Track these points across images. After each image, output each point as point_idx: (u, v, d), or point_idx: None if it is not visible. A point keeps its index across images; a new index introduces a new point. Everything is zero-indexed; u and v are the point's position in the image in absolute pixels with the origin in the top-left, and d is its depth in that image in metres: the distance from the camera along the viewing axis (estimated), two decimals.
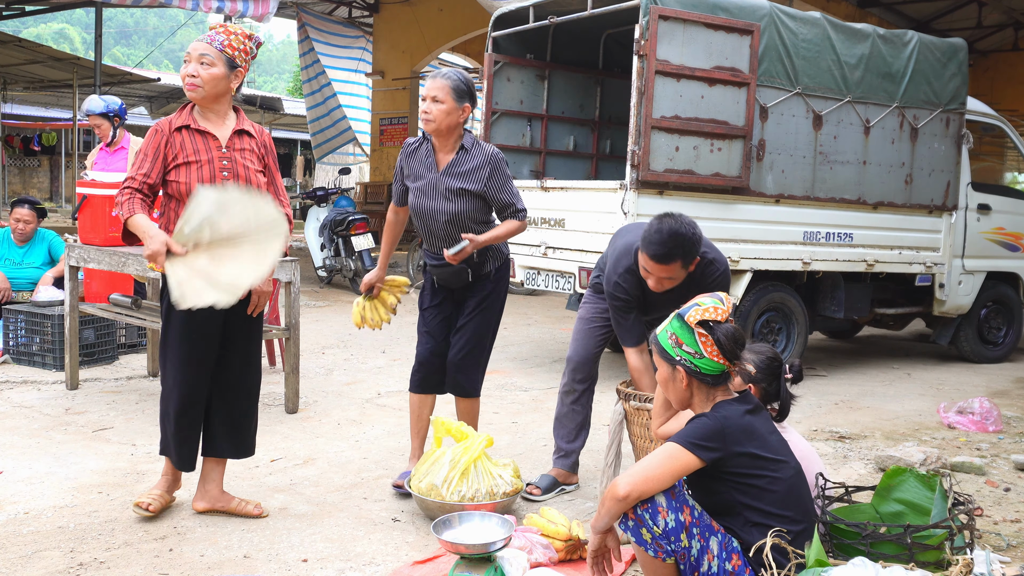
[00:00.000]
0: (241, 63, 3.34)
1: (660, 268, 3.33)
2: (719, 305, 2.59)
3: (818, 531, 2.69)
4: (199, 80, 3.26)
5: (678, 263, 3.32)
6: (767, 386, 3.00)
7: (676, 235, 3.29)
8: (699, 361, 2.57)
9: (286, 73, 63.29)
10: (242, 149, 3.39)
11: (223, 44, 3.30)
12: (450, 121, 3.62)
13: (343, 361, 6.67)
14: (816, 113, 6.36)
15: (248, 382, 3.55)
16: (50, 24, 61.52)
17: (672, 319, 2.65)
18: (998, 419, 5.28)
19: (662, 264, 3.31)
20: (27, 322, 6.04)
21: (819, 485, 2.94)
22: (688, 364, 2.58)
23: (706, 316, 2.57)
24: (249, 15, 8.35)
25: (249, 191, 3.23)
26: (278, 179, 3.53)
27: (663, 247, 3.29)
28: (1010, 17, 14.88)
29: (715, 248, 3.61)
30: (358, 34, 17.60)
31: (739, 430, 2.51)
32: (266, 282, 3.40)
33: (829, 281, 6.89)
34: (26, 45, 14.97)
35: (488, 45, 7.07)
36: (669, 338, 2.63)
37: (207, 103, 3.33)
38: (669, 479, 2.44)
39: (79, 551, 3.11)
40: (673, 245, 3.29)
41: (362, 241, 10.33)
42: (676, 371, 2.61)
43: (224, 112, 3.40)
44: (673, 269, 3.33)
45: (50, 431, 4.55)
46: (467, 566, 2.77)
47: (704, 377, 2.58)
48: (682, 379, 2.60)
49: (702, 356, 2.57)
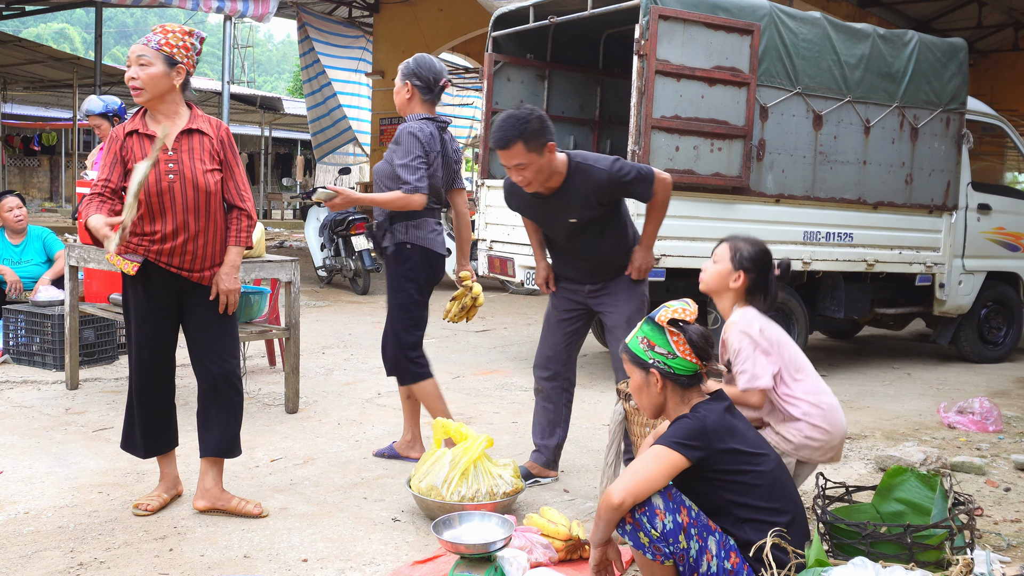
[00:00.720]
0: (181, 59, 3.34)
1: (505, 155, 3.47)
2: (686, 307, 2.66)
3: (818, 531, 2.70)
4: (139, 82, 3.28)
5: (519, 145, 3.42)
6: (756, 276, 3.15)
7: (509, 117, 3.45)
8: (672, 362, 2.60)
9: (286, 73, 63.30)
10: (191, 149, 3.36)
11: (159, 43, 3.32)
12: (398, 102, 4.14)
13: (343, 361, 6.67)
14: (816, 113, 6.36)
15: (222, 384, 3.51)
16: (50, 24, 61.52)
17: (642, 324, 2.70)
18: (998, 419, 5.28)
19: (504, 150, 3.45)
20: (27, 322, 6.04)
21: (819, 485, 2.94)
22: (662, 366, 2.61)
23: (675, 316, 2.62)
24: (249, 15, 8.34)
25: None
26: (238, 175, 3.49)
27: (499, 131, 3.44)
28: (1010, 17, 14.88)
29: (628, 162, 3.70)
30: (358, 34, 17.60)
31: (721, 427, 2.53)
32: (231, 279, 3.45)
33: (829, 281, 6.88)
34: (26, 45, 15.00)
35: (488, 45, 7.07)
36: (641, 342, 2.66)
37: (153, 104, 3.35)
38: (660, 480, 2.45)
39: (79, 551, 3.11)
40: (508, 127, 3.42)
41: (362, 241, 10.33)
42: (650, 375, 2.63)
43: (173, 112, 3.39)
44: (516, 152, 3.44)
45: (50, 431, 4.55)
46: (467, 566, 2.77)
47: (678, 378, 2.61)
48: (656, 382, 2.63)
49: (675, 356, 2.60)
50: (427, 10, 16.26)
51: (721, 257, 3.20)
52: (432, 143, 4.01)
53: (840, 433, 3.09)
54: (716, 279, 3.20)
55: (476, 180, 7.50)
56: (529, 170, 3.51)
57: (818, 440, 3.02)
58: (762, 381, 3.01)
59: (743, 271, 3.14)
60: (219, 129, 3.47)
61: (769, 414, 3.09)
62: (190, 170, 3.34)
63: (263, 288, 5.34)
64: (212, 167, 3.40)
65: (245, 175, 3.55)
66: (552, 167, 3.57)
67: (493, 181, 7.02)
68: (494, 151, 6.41)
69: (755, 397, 3.03)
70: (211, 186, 3.37)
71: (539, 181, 3.58)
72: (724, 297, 3.20)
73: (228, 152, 3.46)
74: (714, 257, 3.23)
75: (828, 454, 3.06)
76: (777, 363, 3.04)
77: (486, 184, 7.00)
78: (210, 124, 3.46)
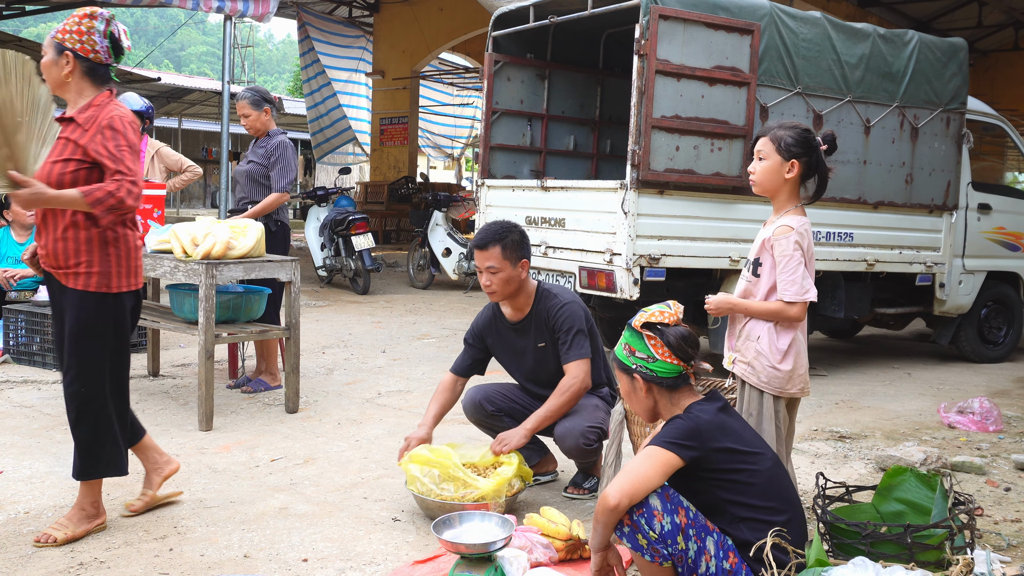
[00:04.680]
0: (71, 45, 3.17)
1: (481, 255, 3.69)
2: (665, 309, 2.66)
3: (818, 531, 2.69)
4: (43, 73, 3.18)
5: (496, 249, 3.66)
6: (808, 159, 3.04)
7: (495, 224, 3.77)
8: (653, 365, 2.62)
9: (286, 73, 63.27)
10: (66, 138, 3.18)
11: (55, 31, 3.22)
12: (257, 125, 5.61)
13: (343, 361, 6.67)
14: (816, 113, 6.35)
15: (71, 401, 3.19)
16: (50, 24, 61.40)
17: (624, 331, 2.72)
18: (998, 419, 5.28)
19: (482, 250, 3.69)
20: (27, 322, 6.05)
21: (819, 485, 2.94)
22: (643, 370, 2.63)
23: (652, 319, 2.64)
24: (249, 15, 8.33)
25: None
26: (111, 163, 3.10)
27: (482, 233, 3.73)
28: (1010, 17, 14.88)
29: (570, 293, 3.86)
30: (358, 34, 17.61)
31: (713, 427, 2.54)
32: (36, 191, 3.00)
33: (829, 281, 6.88)
34: (26, 45, 14.98)
35: (488, 44, 7.07)
36: (624, 349, 2.69)
37: (57, 93, 3.21)
38: (655, 480, 2.46)
39: (79, 551, 3.11)
40: (490, 231, 3.71)
41: (362, 241, 10.34)
42: (634, 380, 2.67)
43: (74, 100, 3.23)
44: (492, 255, 3.67)
45: (50, 431, 4.55)
46: (467, 566, 2.77)
47: (662, 381, 2.62)
48: (641, 387, 2.66)
49: (655, 359, 2.61)
50: (427, 10, 16.26)
51: (766, 152, 3.07)
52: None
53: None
54: (768, 175, 3.07)
55: (476, 180, 7.50)
56: (498, 276, 3.68)
57: (802, 367, 3.05)
58: (811, 294, 2.98)
59: (795, 159, 3.02)
60: (89, 121, 3.16)
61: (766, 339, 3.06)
62: (50, 163, 3.13)
63: (263, 288, 5.34)
64: (62, 157, 3.14)
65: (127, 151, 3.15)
66: (521, 283, 3.74)
67: (493, 181, 7.02)
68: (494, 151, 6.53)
69: (799, 310, 2.98)
70: (53, 177, 3.11)
71: (504, 292, 3.72)
72: (781, 191, 3.08)
73: (97, 139, 3.11)
74: (758, 154, 3.10)
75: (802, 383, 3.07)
76: None
77: (486, 184, 7.00)
78: (84, 113, 3.19)
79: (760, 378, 3.03)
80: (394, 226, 16.67)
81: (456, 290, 11.35)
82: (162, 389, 5.54)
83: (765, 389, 3.03)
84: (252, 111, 5.60)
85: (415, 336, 7.83)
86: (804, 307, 2.99)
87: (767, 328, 3.03)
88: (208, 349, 4.59)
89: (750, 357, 3.04)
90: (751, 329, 3.06)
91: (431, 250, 11.10)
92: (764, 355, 3.01)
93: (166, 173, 6.57)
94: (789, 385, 3.04)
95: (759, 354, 3.02)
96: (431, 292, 11.18)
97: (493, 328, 3.92)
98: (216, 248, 4.63)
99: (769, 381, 3.02)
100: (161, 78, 20.98)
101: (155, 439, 4.41)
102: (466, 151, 24.69)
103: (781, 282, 2.99)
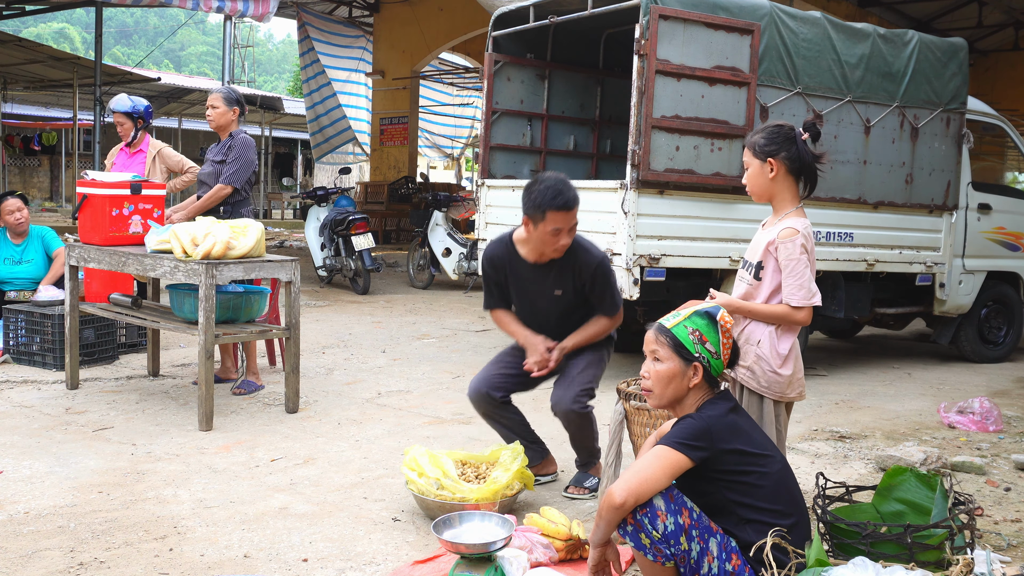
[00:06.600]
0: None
1: (568, 216, 3.55)
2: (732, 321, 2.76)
3: (818, 531, 2.69)
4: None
5: (576, 209, 3.57)
6: (787, 154, 3.02)
7: (559, 182, 3.56)
8: (715, 361, 2.63)
9: (286, 73, 63.28)
10: None
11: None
12: (222, 121, 5.57)
13: (343, 361, 6.67)
14: (817, 113, 6.35)
15: None
16: (50, 24, 61.49)
17: (692, 315, 2.66)
18: (998, 419, 5.27)
19: (570, 211, 3.54)
20: (27, 322, 6.04)
21: (819, 485, 2.94)
22: (706, 363, 2.62)
23: (729, 324, 2.68)
24: (249, 14, 8.34)
25: None
26: None
27: (569, 191, 3.54)
28: (1010, 17, 14.88)
29: (597, 248, 3.84)
30: (358, 34, 17.62)
31: (724, 428, 2.53)
32: None
33: (829, 281, 6.88)
34: (26, 45, 14.98)
35: (488, 44, 7.07)
36: (691, 334, 2.63)
37: None
38: (662, 480, 2.45)
39: (79, 551, 3.11)
40: (571, 190, 3.56)
41: (362, 241, 10.34)
42: (692, 367, 2.61)
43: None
44: (576, 214, 3.58)
45: (50, 431, 4.55)
46: (467, 566, 2.77)
47: (710, 378, 2.65)
48: (695, 376, 2.61)
49: (718, 357, 2.63)
50: (427, 10, 16.26)
51: (747, 160, 3.11)
52: None
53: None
54: (754, 182, 3.12)
55: (476, 180, 7.50)
56: (573, 232, 3.61)
57: (800, 372, 3.07)
58: (817, 298, 2.99)
59: (771, 157, 3.04)
60: None
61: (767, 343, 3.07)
62: None
63: (263, 288, 5.34)
64: None
65: None
66: None
67: (493, 181, 7.02)
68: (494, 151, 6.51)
69: (806, 315, 2.99)
70: None
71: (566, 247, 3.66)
72: (775, 194, 3.10)
73: None
74: (745, 166, 3.15)
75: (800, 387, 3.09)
76: None
77: (486, 184, 7.00)
78: None
79: (760, 383, 3.02)
80: (394, 226, 16.67)
81: (456, 290, 11.35)
82: (162, 389, 5.54)
83: (765, 394, 3.03)
84: (223, 105, 5.58)
85: (415, 336, 7.82)
86: (810, 312, 3.00)
87: (768, 332, 3.03)
88: (208, 349, 4.59)
89: (750, 361, 3.03)
90: (751, 333, 3.05)
91: (431, 250, 11.10)
92: (765, 359, 3.01)
93: (167, 174, 6.57)
94: (789, 390, 3.04)
95: (759, 358, 3.02)
96: (431, 292, 11.18)
97: (509, 263, 3.86)
98: (216, 248, 4.63)
99: (770, 386, 3.02)
100: (161, 78, 20.98)
101: (155, 439, 4.44)
102: (466, 151, 24.69)
103: (788, 286, 2.99)
